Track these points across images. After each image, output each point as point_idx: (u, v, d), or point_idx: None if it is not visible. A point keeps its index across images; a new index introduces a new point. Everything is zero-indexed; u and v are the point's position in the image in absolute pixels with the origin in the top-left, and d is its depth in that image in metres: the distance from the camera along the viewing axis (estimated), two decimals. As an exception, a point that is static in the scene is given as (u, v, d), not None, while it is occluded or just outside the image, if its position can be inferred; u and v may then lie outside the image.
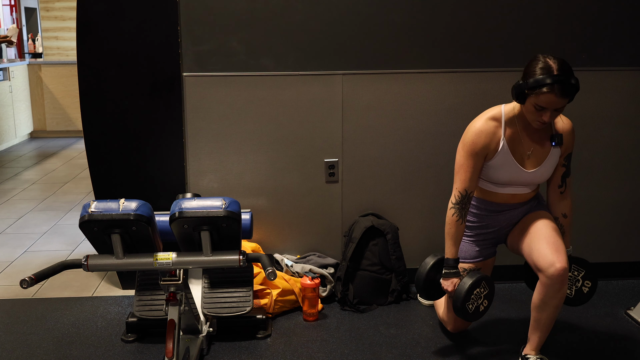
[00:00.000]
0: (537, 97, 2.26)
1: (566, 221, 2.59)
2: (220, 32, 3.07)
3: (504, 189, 2.53)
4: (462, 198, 2.47)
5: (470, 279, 2.46)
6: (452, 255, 2.52)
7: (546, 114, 2.29)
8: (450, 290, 2.52)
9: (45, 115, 7.96)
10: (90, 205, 2.20)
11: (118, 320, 2.99)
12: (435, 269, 2.58)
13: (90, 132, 3.14)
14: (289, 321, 2.99)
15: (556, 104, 2.26)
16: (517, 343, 2.69)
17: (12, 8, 10.15)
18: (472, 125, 2.47)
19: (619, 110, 3.30)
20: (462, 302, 2.44)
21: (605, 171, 3.36)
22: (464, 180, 2.46)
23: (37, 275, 2.18)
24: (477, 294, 2.48)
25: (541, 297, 2.38)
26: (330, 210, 3.31)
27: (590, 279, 2.61)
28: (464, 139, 2.47)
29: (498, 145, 2.43)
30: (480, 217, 2.61)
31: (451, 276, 2.52)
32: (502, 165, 2.45)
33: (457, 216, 2.49)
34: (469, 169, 2.45)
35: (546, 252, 2.37)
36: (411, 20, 3.12)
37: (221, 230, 2.28)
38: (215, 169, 3.22)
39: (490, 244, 2.68)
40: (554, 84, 2.21)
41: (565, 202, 2.58)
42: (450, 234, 2.51)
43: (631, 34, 3.22)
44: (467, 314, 2.48)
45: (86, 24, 3.01)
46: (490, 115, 2.46)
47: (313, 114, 3.19)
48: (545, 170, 2.49)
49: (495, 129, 2.44)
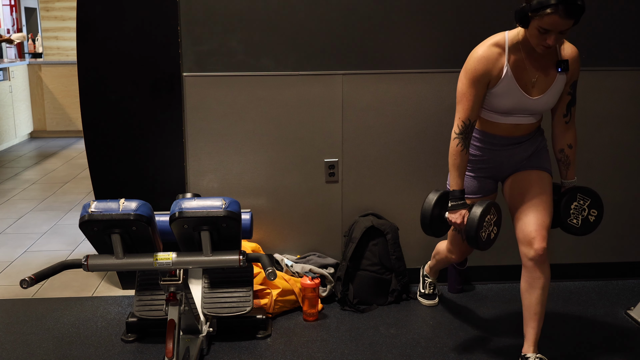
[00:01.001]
0: (541, 19, 2.18)
1: (571, 151, 2.54)
2: (220, 32, 3.07)
3: (507, 119, 2.45)
4: (466, 127, 2.41)
5: (480, 206, 2.38)
6: (458, 186, 2.45)
7: (551, 37, 2.21)
8: (458, 222, 2.44)
9: (45, 115, 7.96)
10: (90, 205, 2.20)
11: (118, 320, 2.99)
12: (439, 204, 2.50)
13: (90, 132, 3.14)
14: (289, 321, 2.99)
15: (561, 26, 2.18)
16: (517, 343, 2.69)
17: (12, 8, 10.15)
18: (474, 51, 2.39)
19: (619, 110, 3.30)
20: (475, 231, 2.36)
21: (605, 171, 3.36)
22: (466, 108, 2.40)
23: (37, 275, 2.18)
24: (488, 220, 2.40)
25: (526, 279, 2.42)
26: (330, 210, 3.31)
27: (596, 207, 2.57)
28: (466, 66, 2.39)
29: (501, 71, 2.36)
30: (482, 151, 2.54)
31: (458, 208, 2.45)
32: (506, 92, 2.38)
33: (461, 145, 2.42)
34: (471, 96, 2.38)
35: (530, 230, 2.39)
36: (411, 20, 3.12)
37: (221, 230, 2.28)
38: (215, 169, 3.22)
39: (490, 179, 2.61)
40: (558, 4, 2.13)
41: (570, 132, 2.53)
42: (456, 164, 2.44)
43: (631, 34, 3.22)
44: (481, 242, 2.40)
45: (86, 24, 3.01)
46: (493, 42, 2.38)
47: (313, 114, 3.19)
48: (550, 97, 2.41)
49: (499, 55, 2.36)
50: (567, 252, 3.40)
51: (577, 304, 3.17)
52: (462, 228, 2.46)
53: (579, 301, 3.21)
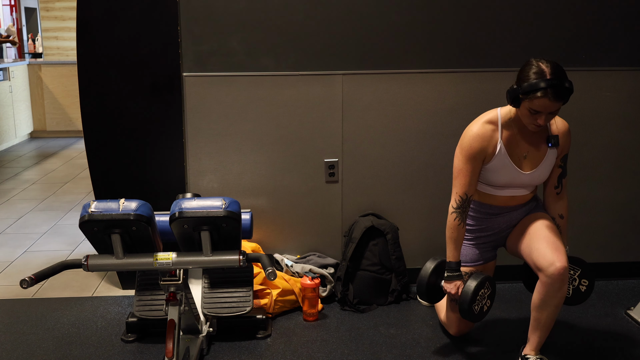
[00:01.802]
0: (532, 102, 2.27)
1: (562, 222, 2.61)
2: (220, 32, 3.07)
3: (502, 192, 2.54)
4: (463, 202, 2.48)
5: (475, 280, 2.47)
6: (455, 258, 2.53)
7: (541, 117, 2.30)
8: (453, 292, 2.53)
9: (45, 115, 7.95)
10: (90, 205, 2.20)
11: (118, 320, 2.99)
12: (436, 273, 2.59)
13: (90, 132, 3.14)
14: (289, 321, 2.99)
15: (550, 108, 2.27)
16: (517, 343, 2.69)
17: (12, 8, 10.16)
18: (469, 129, 2.48)
19: (619, 110, 3.30)
20: (468, 304, 2.45)
21: (605, 171, 3.36)
22: (463, 184, 2.47)
23: (37, 275, 2.18)
24: (481, 294, 2.49)
25: (541, 296, 2.39)
26: (330, 210, 3.31)
27: (587, 277, 2.61)
28: (462, 144, 2.48)
29: (495, 148, 2.44)
30: (479, 221, 2.62)
31: (454, 279, 2.53)
32: (500, 168, 2.46)
33: (458, 220, 2.50)
34: (467, 173, 2.46)
35: (546, 251, 2.37)
36: (411, 20, 3.12)
37: (221, 230, 2.28)
38: (215, 169, 3.22)
39: (490, 247, 2.68)
40: (547, 89, 2.23)
41: (561, 203, 2.60)
42: (452, 237, 2.52)
43: (630, 34, 3.22)
44: (473, 315, 2.49)
45: (86, 24, 3.01)
46: (486, 119, 2.47)
47: (313, 114, 3.19)
48: (542, 171, 2.50)
49: (492, 133, 2.45)
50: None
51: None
52: (456, 298, 2.54)
53: (579, 301, 3.21)
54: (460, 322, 2.72)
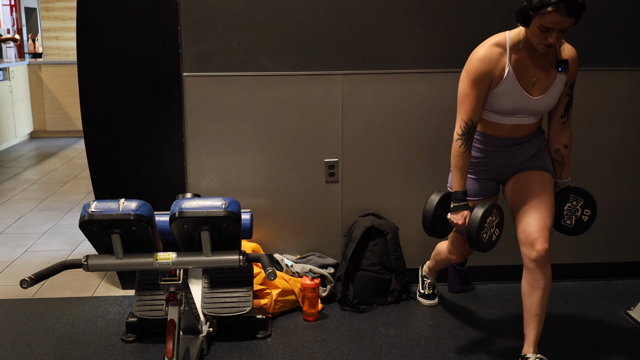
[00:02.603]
0: (542, 18, 2.17)
1: (567, 151, 2.55)
2: (220, 32, 3.07)
3: (508, 119, 2.45)
4: (468, 128, 2.40)
5: (482, 207, 2.38)
6: (461, 187, 2.45)
7: (552, 35, 2.20)
8: (460, 223, 2.45)
9: (45, 115, 7.96)
10: (90, 205, 2.20)
11: (118, 320, 2.99)
12: (441, 205, 2.51)
13: (90, 132, 3.14)
14: (289, 321, 2.99)
15: (562, 24, 2.17)
16: (517, 343, 2.69)
17: (12, 8, 10.15)
18: (476, 52, 2.37)
19: (619, 110, 3.30)
20: (476, 232, 2.37)
21: (605, 171, 3.36)
22: (469, 109, 2.39)
23: (37, 275, 2.18)
24: (489, 222, 2.41)
25: (527, 280, 2.41)
26: (330, 210, 3.31)
27: (589, 207, 2.57)
28: (467, 67, 2.38)
29: (503, 72, 2.35)
30: (483, 153, 2.53)
31: (460, 209, 2.45)
32: (508, 92, 2.37)
33: (464, 147, 2.42)
34: (473, 97, 2.37)
35: (531, 230, 2.38)
36: (411, 20, 3.12)
37: (221, 230, 2.28)
38: (215, 169, 3.22)
39: (491, 181, 2.61)
40: (559, 2, 2.13)
41: (566, 133, 2.54)
42: (458, 166, 2.44)
43: (631, 34, 3.22)
44: (482, 243, 2.41)
45: (86, 24, 3.01)
46: (494, 42, 2.37)
47: (313, 114, 3.19)
48: (551, 97, 2.41)
49: (500, 56, 2.35)
50: (567, 252, 3.40)
51: (577, 304, 3.17)
52: (463, 229, 2.46)
53: (579, 301, 3.21)
54: (463, 247, 2.68)
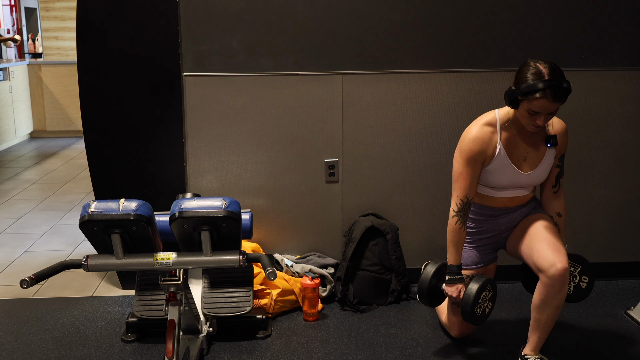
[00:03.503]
0: (530, 103, 2.27)
1: (560, 220, 2.62)
2: (220, 32, 3.07)
3: (502, 193, 2.54)
4: (464, 205, 2.48)
5: (477, 283, 2.46)
6: (456, 262, 2.52)
7: (540, 118, 2.30)
8: (455, 296, 2.52)
9: (45, 115, 7.95)
10: (90, 205, 2.20)
11: (118, 320, 2.99)
12: (436, 276, 2.58)
13: (90, 132, 3.14)
14: (289, 321, 2.99)
15: (549, 108, 2.27)
16: (517, 343, 2.69)
17: (12, 8, 10.15)
18: (468, 132, 2.47)
19: (619, 110, 3.30)
20: (471, 307, 2.45)
21: (605, 171, 3.36)
22: (464, 187, 2.47)
23: (37, 275, 2.18)
24: (483, 297, 2.48)
25: (542, 297, 2.38)
26: (330, 210, 3.31)
27: (587, 274, 2.61)
28: (461, 147, 2.47)
29: (495, 150, 2.44)
30: (479, 223, 2.62)
31: (455, 282, 2.52)
32: (500, 169, 2.46)
33: (459, 223, 2.49)
34: (467, 176, 2.46)
35: (547, 252, 2.37)
36: (411, 20, 3.12)
37: (221, 230, 2.28)
38: (215, 169, 3.22)
39: (490, 249, 2.68)
40: (546, 89, 2.23)
41: (558, 202, 2.61)
42: (454, 241, 2.51)
43: (631, 34, 3.22)
44: (476, 318, 2.49)
45: (86, 24, 3.01)
46: (485, 121, 2.47)
47: (313, 114, 3.19)
48: (541, 171, 2.50)
49: (491, 135, 2.44)
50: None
51: (577, 304, 3.17)
52: (458, 301, 2.53)
53: (579, 301, 3.21)
54: (462, 324, 2.71)
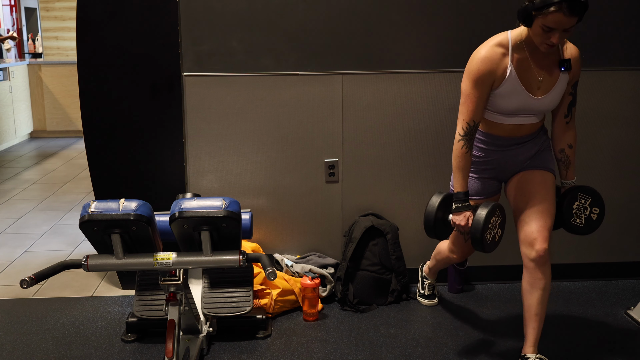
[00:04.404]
0: (545, 18, 2.16)
1: (571, 151, 2.54)
2: (220, 32, 3.07)
3: (510, 119, 2.44)
4: (470, 129, 2.39)
5: (485, 208, 2.37)
6: (463, 188, 2.44)
7: (555, 35, 2.19)
8: (463, 224, 2.43)
9: (45, 115, 7.96)
10: (90, 205, 2.20)
11: (118, 320, 2.99)
12: (442, 207, 2.49)
13: (90, 132, 3.14)
14: (289, 321, 2.99)
15: (565, 24, 2.16)
16: (517, 343, 2.69)
17: (12, 8, 10.15)
18: (477, 52, 2.35)
19: (619, 110, 3.30)
20: (481, 233, 2.35)
21: (605, 171, 3.36)
22: (470, 110, 2.37)
23: (37, 275, 2.18)
24: (492, 222, 2.40)
25: (527, 280, 2.41)
26: (330, 210, 3.31)
27: (597, 205, 2.56)
28: (469, 68, 2.36)
29: (505, 72, 2.34)
30: (485, 152, 2.53)
31: (463, 210, 2.43)
32: (510, 93, 2.36)
33: (465, 147, 2.40)
34: (475, 98, 2.36)
35: (531, 231, 2.39)
36: (411, 20, 3.12)
37: (221, 230, 2.28)
38: (215, 169, 3.22)
39: (493, 180, 2.61)
40: (562, 2, 2.11)
41: (570, 132, 2.52)
42: (460, 166, 2.42)
43: (631, 34, 3.22)
44: (486, 244, 2.40)
45: (86, 24, 3.01)
46: (496, 42, 2.35)
47: (313, 114, 3.19)
48: (554, 96, 2.40)
49: (502, 56, 2.34)
50: (567, 252, 3.40)
51: (577, 304, 3.17)
52: (466, 230, 2.45)
53: (579, 301, 3.21)
54: (464, 247, 2.68)
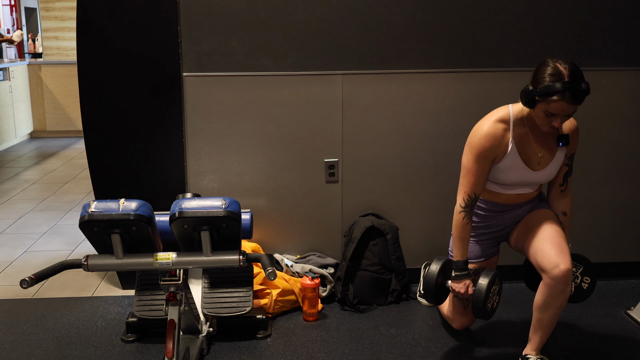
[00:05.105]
0: (548, 104, 2.22)
1: (566, 219, 2.59)
2: (220, 32, 3.07)
3: (509, 190, 2.51)
4: (471, 201, 2.45)
5: (486, 277, 2.42)
6: (463, 257, 2.50)
7: (557, 119, 2.25)
8: (462, 292, 2.49)
9: (45, 115, 7.96)
10: (90, 205, 2.20)
11: (118, 320, 2.99)
12: (442, 274, 2.54)
13: (90, 132, 3.14)
14: (289, 321, 2.99)
15: (567, 111, 2.23)
16: (518, 343, 2.69)
17: (12, 8, 10.15)
18: (480, 127, 2.41)
19: (619, 110, 3.30)
20: (483, 303, 2.41)
21: (605, 171, 3.36)
22: (472, 183, 2.43)
23: (37, 275, 2.18)
24: (492, 291, 2.45)
25: (544, 297, 2.38)
26: (330, 210, 3.31)
27: (589, 274, 2.59)
28: (471, 142, 2.41)
29: (507, 147, 2.39)
30: (484, 218, 2.60)
31: (463, 278, 2.50)
32: (510, 167, 2.42)
33: (466, 219, 2.46)
34: (476, 172, 2.41)
35: (550, 253, 2.36)
36: (411, 20, 3.12)
37: (221, 230, 2.28)
38: (215, 169, 3.22)
39: (493, 243, 2.67)
40: (565, 91, 2.17)
41: (565, 200, 2.58)
42: (460, 236, 2.49)
43: (630, 34, 3.22)
44: (486, 312, 2.45)
45: (86, 24, 3.01)
46: (498, 117, 2.40)
47: (313, 114, 3.19)
48: (551, 170, 2.47)
49: (504, 132, 2.39)
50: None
51: (577, 304, 3.17)
52: (465, 297, 2.51)
53: (579, 301, 3.21)
54: (464, 317, 2.70)
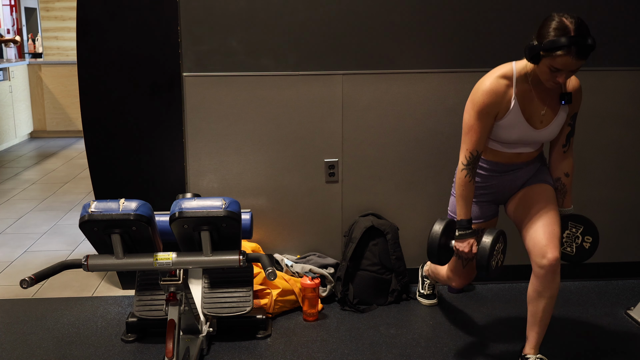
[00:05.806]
0: (553, 59, 2.17)
1: (568, 180, 2.55)
2: (220, 32, 3.07)
3: (510, 149, 2.46)
4: (473, 158, 2.40)
5: (490, 235, 2.38)
6: (466, 215, 2.45)
7: (561, 75, 2.21)
8: (467, 251, 2.45)
9: (45, 115, 7.96)
10: (90, 205, 2.20)
11: (118, 320, 2.99)
12: (445, 233, 2.50)
13: (90, 132, 3.14)
14: (289, 321, 2.99)
15: (572, 66, 2.18)
16: (517, 343, 2.69)
17: (12, 8, 10.15)
18: (482, 83, 2.36)
19: (619, 110, 3.30)
20: (487, 260, 2.36)
21: (605, 171, 3.36)
22: (474, 140, 2.38)
23: (37, 275, 2.18)
24: (497, 249, 2.42)
25: (535, 288, 2.39)
26: (330, 210, 3.31)
27: (590, 233, 2.56)
28: (473, 99, 2.37)
29: (509, 104, 2.35)
30: (484, 178, 2.54)
31: (467, 237, 2.45)
32: (513, 124, 2.37)
33: (469, 177, 2.42)
34: (478, 129, 2.36)
35: (541, 242, 2.37)
36: (411, 20, 3.12)
37: (221, 230, 2.28)
38: (215, 169, 3.22)
39: (491, 204, 2.62)
40: (571, 46, 2.13)
41: (567, 161, 2.53)
42: (463, 195, 2.44)
43: (630, 34, 3.22)
44: (491, 270, 2.41)
45: (86, 24, 3.01)
46: (500, 73, 2.36)
47: (313, 114, 3.19)
48: (553, 129, 2.42)
49: (506, 88, 2.34)
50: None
51: (577, 304, 3.18)
52: (469, 257, 2.48)
53: (579, 301, 3.21)
54: (462, 275, 2.68)
